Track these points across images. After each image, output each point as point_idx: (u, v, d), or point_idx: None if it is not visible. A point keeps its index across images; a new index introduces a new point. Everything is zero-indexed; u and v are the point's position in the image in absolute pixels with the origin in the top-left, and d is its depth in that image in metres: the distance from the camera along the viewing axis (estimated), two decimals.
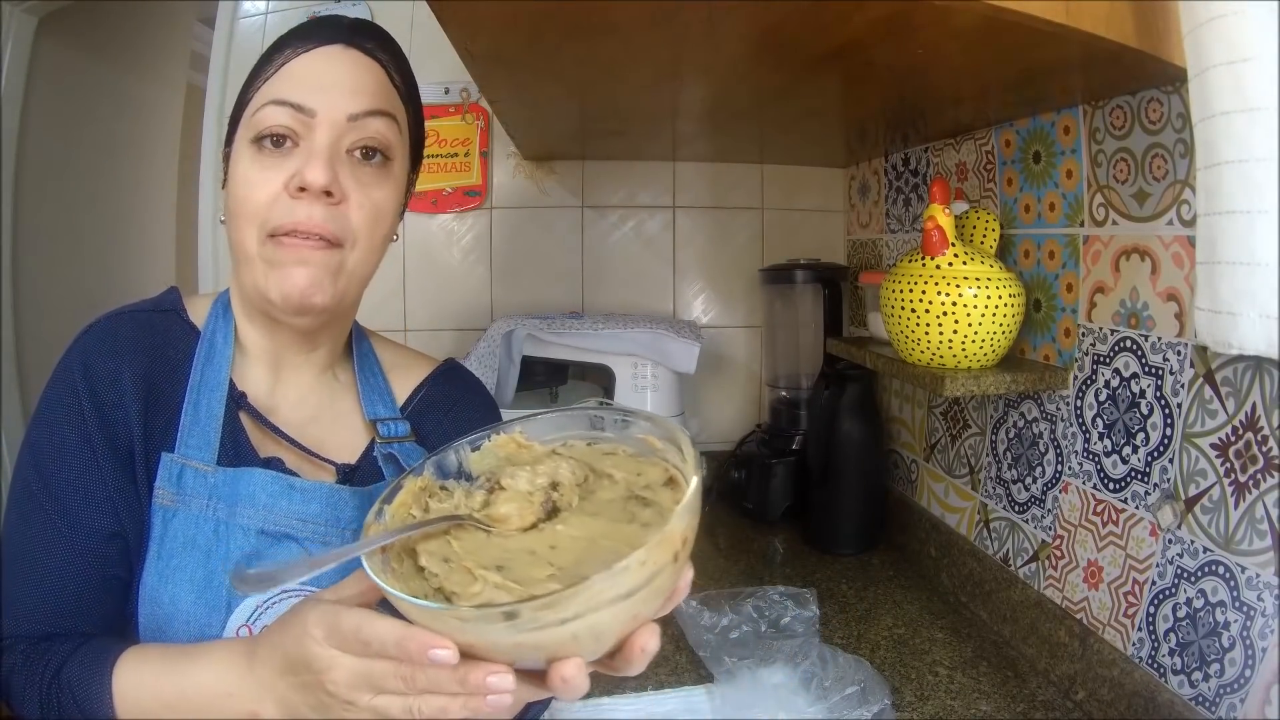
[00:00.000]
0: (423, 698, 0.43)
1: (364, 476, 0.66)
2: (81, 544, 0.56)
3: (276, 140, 0.58)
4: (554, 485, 0.48)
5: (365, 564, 0.41)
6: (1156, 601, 0.75)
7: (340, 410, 0.69)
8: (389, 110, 0.62)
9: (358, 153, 0.60)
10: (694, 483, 0.42)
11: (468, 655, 0.40)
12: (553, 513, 0.47)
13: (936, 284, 0.87)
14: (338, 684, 0.44)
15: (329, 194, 0.58)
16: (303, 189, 0.57)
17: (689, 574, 0.43)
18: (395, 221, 0.66)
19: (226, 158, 0.64)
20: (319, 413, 0.67)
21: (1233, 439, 0.67)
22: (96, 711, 0.51)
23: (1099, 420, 0.84)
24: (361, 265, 0.62)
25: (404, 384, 0.73)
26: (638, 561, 0.37)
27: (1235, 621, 0.66)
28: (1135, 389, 0.78)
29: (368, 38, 0.63)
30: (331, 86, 0.59)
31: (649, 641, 0.41)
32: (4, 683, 0.53)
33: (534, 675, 0.41)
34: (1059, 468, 0.90)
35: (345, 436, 0.67)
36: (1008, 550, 1.00)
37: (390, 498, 0.48)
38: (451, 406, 0.74)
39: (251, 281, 0.60)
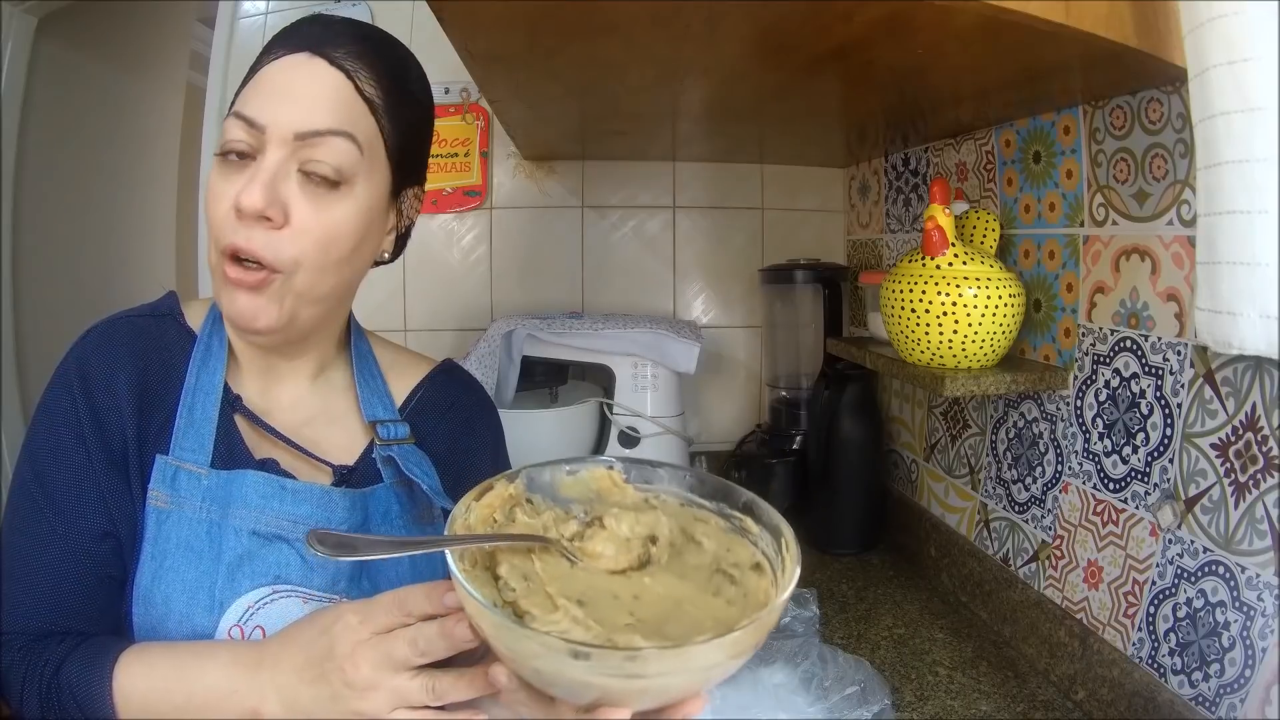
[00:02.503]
0: (438, 677, 0.47)
1: (361, 478, 0.66)
2: (75, 543, 0.56)
3: (240, 154, 0.57)
4: (653, 539, 0.48)
5: (453, 563, 0.41)
6: (1156, 601, 0.75)
7: (337, 412, 0.68)
8: (344, 129, 0.57)
9: (315, 177, 0.57)
10: (793, 583, 0.43)
11: (514, 670, 0.42)
12: (642, 564, 0.47)
13: (936, 284, 0.87)
14: (360, 668, 0.46)
15: (268, 219, 0.55)
16: (241, 210, 0.55)
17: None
18: (363, 240, 0.62)
19: None
20: (315, 415, 0.67)
21: (1233, 439, 0.67)
22: (97, 711, 0.51)
23: (1099, 420, 0.84)
24: (313, 287, 0.59)
25: (402, 385, 0.73)
26: (730, 641, 0.38)
27: (1235, 621, 0.66)
28: (1135, 389, 0.78)
29: (338, 44, 0.59)
30: (284, 100, 0.57)
31: (694, 712, 0.42)
32: (2, 679, 0.53)
33: (555, 700, 0.43)
34: (1059, 468, 0.90)
35: (342, 438, 0.67)
36: (1008, 550, 1.00)
37: (480, 495, 0.48)
38: (449, 408, 0.74)
39: (215, 294, 0.61)
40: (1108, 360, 0.82)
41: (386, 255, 0.68)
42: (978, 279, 0.86)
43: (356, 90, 0.59)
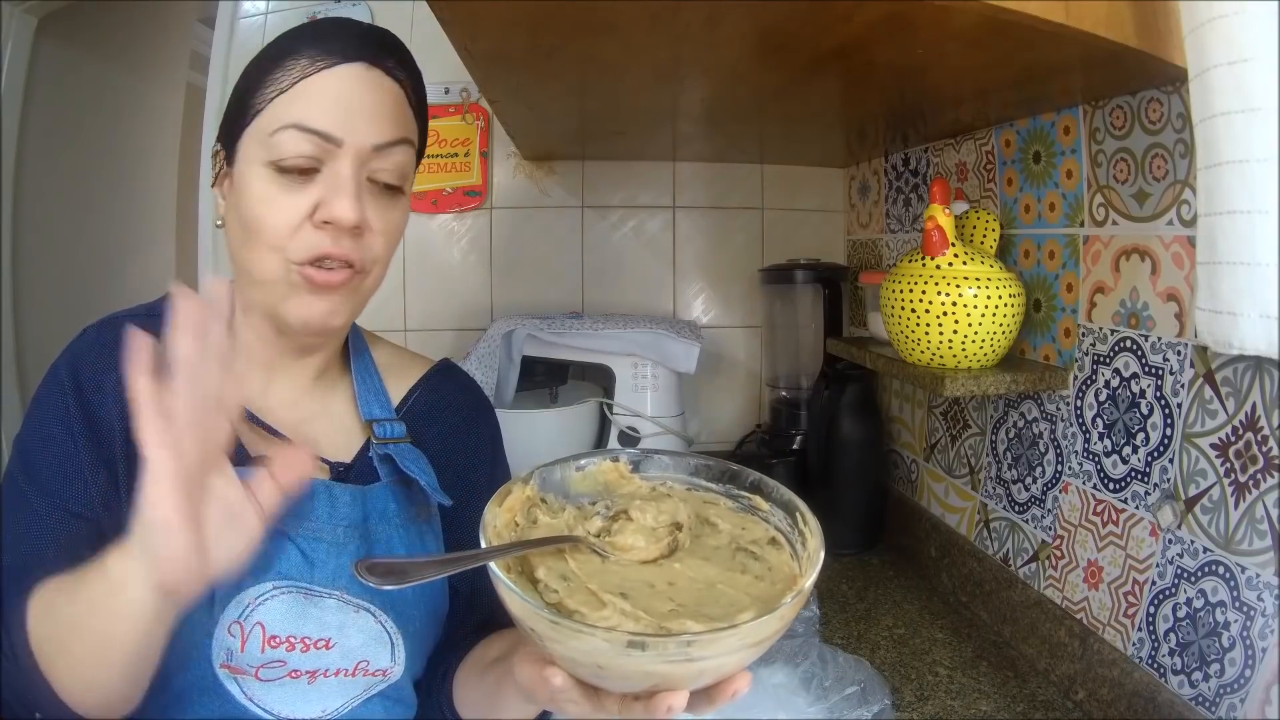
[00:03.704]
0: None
1: (358, 476, 0.65)
2: (58, 520, 0.56)
3: (303, 170, 0.58)
4: (678, 525, 0.49)
5: (504, 575, 0.42)
6: (1156, 601, 0.75)
7: (334, 410, 0.69)
8: (409, 137, 0.63)
9: (383, 184, 0.61)
10: (820, 553, 0.45)
11: (569, 670, 0.42)
12: (671, 551, 0.48)
13: (936, 284, 0.87)
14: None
15: (358, 227, 0.59)
16: (328, 222, 0.58)
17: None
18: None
19: (217, 155, 0.63)
20: (312, 413, 0.67)
21: (1233, 439, 0.67)
22: (15, 636, 0.50)
23: (1099, 420, 0.84)
24: (375, 284, 0.64)
25: (399, 385, 0.73)
26: (778, 616, 0.39)
27: (1235, 621, 0.66)
28: (1135, 389, 0.78)
29: (389, 54, 0.62)
30: (356, 113, 0.58)
31: (743, 687, 0.42)
32: None
33: (601, 692, 0.43)
34: (1059, 468, 0.90)
35: (339, 436, 0.67)
36: (1008, 550, 1.00)
37: (501, 501, 0.48)
38: (446, 407, 0.74)
39: (266, 303, 0.61)
40: (1108, 360, 0.82)
41: None
42: (978, 279, 0.86)
43: (407, 99, 0.63)
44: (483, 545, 0.44)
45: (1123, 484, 0.80)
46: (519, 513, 0.49)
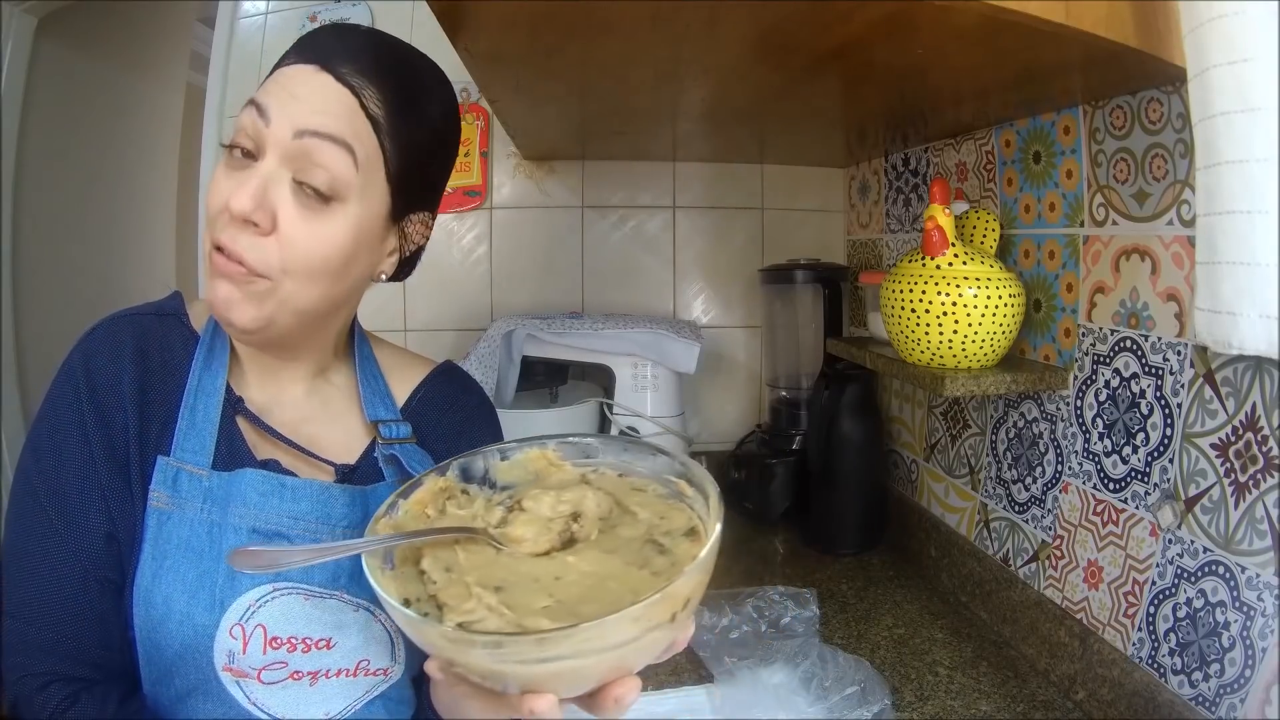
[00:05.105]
0: None
1: (363, 477, 0.66)
2: (78, 545, 0.56)
3: (245, 152, 0.57)
4: (575, 516, 0.47)
5: (364, 562, 0.41)
6: (1156, 601, 0.75)
7: (337, 412, 0.69)
8: (343, 138, 0.57)
9: (307, 187, 0.57)
10: (711, 542, 0.41)
11: (449, 669, 0.41)
12: (569, 543, 0.46)
13: (936, 284, 0.87)
14: None
15: (255, 224, 0.55)
16: (228, 210, 0.56)
17: (689, 629, 0.43)
18: (353, 258, 0.61)
19: None
20: (316, 414, 0.67)
21: (1233, 439, 0.67)
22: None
23: (1099, 420, 0.84)
24: (295, 296, 0.58)
25: (402, 385, 0.73)
26: (630, 618, 0.37)
27: (1235, 621, 0.66)
28: (1135, 389, 0.78)
29: (345, 61, 0.58)
30: (292, 99, 0.57)
31: (626, 694, 0.40)
32: (11, 706, 0.54)
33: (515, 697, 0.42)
34: (1059, 468, 0.90)
35: (343, 438, 0.67)
36: (1008, 550, 1.00)
37: (407, 493, 0.48)
38: (449, 408, 0.74)
39: (204, 284, 0.61)
40: (1108, 360, 0.82)
41: (384, 276, 0.67)
42: (978, 279, 0.86)
43: (361, 107, 0.58)
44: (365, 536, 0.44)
45: (1123, 484, 0.80)
46: (430, 505, 0.48)
